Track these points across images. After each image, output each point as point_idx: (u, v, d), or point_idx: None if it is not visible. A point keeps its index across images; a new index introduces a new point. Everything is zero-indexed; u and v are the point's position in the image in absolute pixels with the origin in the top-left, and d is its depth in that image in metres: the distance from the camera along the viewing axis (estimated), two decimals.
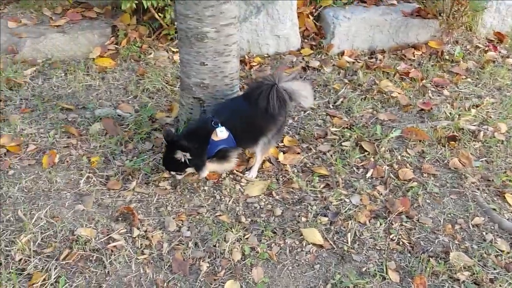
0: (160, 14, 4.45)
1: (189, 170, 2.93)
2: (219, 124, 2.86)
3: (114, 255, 2.61)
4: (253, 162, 3.19)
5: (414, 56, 4.61)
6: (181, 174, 2.97)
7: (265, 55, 4.57)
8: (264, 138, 3.03)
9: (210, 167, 2.99)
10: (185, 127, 3.25)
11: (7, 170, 3.11)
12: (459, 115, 3.78)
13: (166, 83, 4.04)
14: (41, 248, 2.63)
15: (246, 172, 3.18)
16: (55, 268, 2.52)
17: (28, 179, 3.05)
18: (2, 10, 4.75)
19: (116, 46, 4.48)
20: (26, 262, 2.55)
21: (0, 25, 4.46)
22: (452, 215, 2.94)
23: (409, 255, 2.68)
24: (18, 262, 2.54)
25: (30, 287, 2.42)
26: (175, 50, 4.46)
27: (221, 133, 2.86)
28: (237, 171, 3.19)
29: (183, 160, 2.80)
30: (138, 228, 2.76)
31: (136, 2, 4.22)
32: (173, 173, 2.98)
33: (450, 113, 3.80)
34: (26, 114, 3.64)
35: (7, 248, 2.61)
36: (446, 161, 3.33)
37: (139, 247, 2.67)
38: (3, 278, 2.44)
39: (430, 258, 2.64)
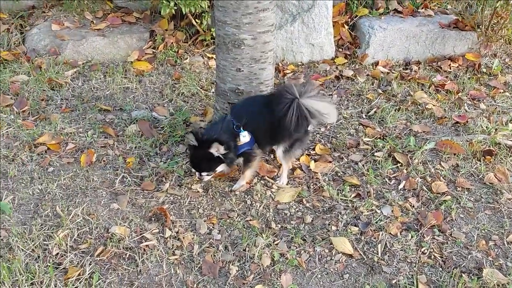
0: (197, 20, 4.54)
1: (220, 168, 2.95)
2: (241, 129, 2.89)
3: (146, 254, 2.67)
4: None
5: (450, 68, 4.55)
6: (210, 174, 2.98)
7: (299, 63, 4.60)
8: (280, 145, 3.04)
9: (245, 175, 3.08)
10: (208, 129, 3.09)
11: (47, 167, 3.23)
12: (496, 129, 3.70)
13: (201, 88, 4.11)
14: (77, 243, 2.72)
15: (277, 179, 3.20)
16: (89, 264, 2.59)
17: (67, 177, 3.15)
18: (46, 13, 4.94)
19: (154, 50, 4.59)
20: (62, 256, 2.64)
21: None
22: (486, 231, 2.89)
23: (440, 269, 2.64)
24: (55, 256, 2.63)
25: (66, 281, 2.50)
26: (210, 56, 4.53)
27: (243, 138, 2.91)
28: (268, 177, 3.22)
29: (216, 155, 2.81)
30: (170, 229, 2.82)
31: (175, 8, 4.31)
32: (204, 173, 2.96)
33: (486, 127, 3.73)
34: (66, 113, 3.77)
35: (45, 242, 2.70)
36: (481, 176, 3.27)
37: (171, 247, 2.72)
38: (40, 271, 2.53)
39: (463, 274, 2.60)
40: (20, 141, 3.43)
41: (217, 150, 2.81)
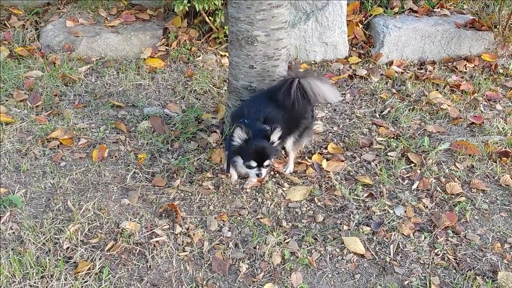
0: (210, 18, 4.53)
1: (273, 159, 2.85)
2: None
3: (156, 250, 2.66)
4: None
5: (466, 69, 4.48)
6: (270, 165, 2.82)
7: (312, 62, 4.56)
8: (291, 137, 3.04)
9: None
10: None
11: (59, 162, 3.24)
12: None
13: (213, 86, 4.10)
14: (87, 238, 2.72)
15: (284, 168, 3.20)
16: (99, 259, 2.59)
17: (79, 171, 3.16)
18: (61, 9, 4.97)
19: (167, 47, 4.59)
20: (73, 250, 2.64)
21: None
22: (501, 233, 2.83)
23: (454, 271, 2.60)
24: (65, 250, 2.64)
25: (76, 275, 2.50)
26: (223, 53, 4.52)
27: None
28: (277, 171, 3.20)
29: (277, 142, 2.78)
30: (181, 225, 2.81)
31: (189, 5, 4.31)
32: (266, 163, 2.73)
33: (502, 128, 3.66)
34: (79, 109, 3.78)
35: (56, 236, 2.71)
36: (496, 177, 3.21)
37: (181, 244, 2.71)
38: (51, 264, 2.53)
39: (477, 276, 2.55)
40: (33, 136, 3.45)
41: (278, 135, 2.73)
